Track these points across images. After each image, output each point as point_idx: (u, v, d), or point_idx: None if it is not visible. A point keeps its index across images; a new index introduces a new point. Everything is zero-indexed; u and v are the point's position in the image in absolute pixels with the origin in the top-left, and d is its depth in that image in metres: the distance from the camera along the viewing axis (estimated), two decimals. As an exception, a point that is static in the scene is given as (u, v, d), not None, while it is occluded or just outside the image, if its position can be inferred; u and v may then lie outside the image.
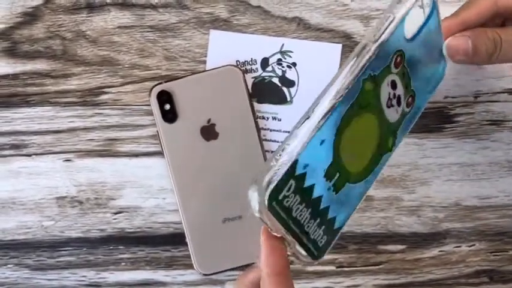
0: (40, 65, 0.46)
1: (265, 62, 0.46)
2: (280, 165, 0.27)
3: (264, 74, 0.46)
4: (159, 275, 0.46)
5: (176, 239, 0.46)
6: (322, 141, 0.28)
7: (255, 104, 0.46)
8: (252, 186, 0.27)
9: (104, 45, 0.46)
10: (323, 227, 0.30)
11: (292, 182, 0.27)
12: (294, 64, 0.46)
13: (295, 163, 0.27)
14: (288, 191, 0.27)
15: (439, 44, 0.36)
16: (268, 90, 0.46)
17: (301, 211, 0.28)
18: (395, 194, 0.46)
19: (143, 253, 0.46)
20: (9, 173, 0.46)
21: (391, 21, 0.30)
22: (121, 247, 0.46)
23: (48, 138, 0.46)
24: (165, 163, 0.45)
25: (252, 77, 0.46)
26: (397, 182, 0.46)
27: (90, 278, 0.46)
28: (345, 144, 0.30)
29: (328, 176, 0.29)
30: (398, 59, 0.32)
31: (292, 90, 0.46)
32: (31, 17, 0.46)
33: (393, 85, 0.32)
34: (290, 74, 0.46)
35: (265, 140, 0.46)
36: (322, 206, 0.30)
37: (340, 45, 0.46)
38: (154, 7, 0.46)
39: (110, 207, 0.46)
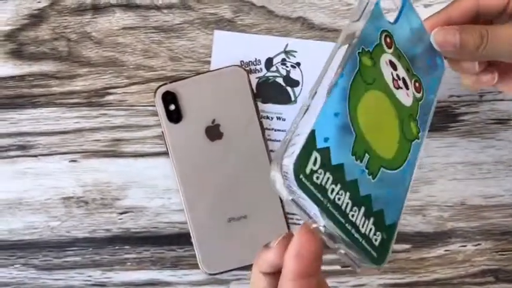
0: (46, 67, 0.46)
1: (269, 62, 0.46)
2: (297, 137, 0.24)
3: (268, 74, 0.46)
4: (165, 275, 0.47)
5: (181, 238, 0.46)
6: (336, 114, 0.26)
7: (260, 104, 0.46)
8: (272, 167, 0.23)
9: (109, 46, 0.46)
10: (372, 219, 0.26)
11: (316, 154, 0.24)
12: (298, 64, 0.46)
13: (312, 133, 0.24)
14: (314, 164, 0.24)
15: (426, 38, 0.36)
16: (273, 90, 0.46)
17: (338, 193, 0.25)
18: (400, 194, 0.46)
19: (149, 253, 0.47)
20: (16, 174, 0.46)
21: (367, 3, 0.30)
22: (127, 247, 0.47)
23: (54, 139, 0.46)
24: (170, 163, 0.45)
25: (256, 77, 0.46)
26: (402, 182, 0.46)
27: (96, 277, 0.47)
28: (363, 120, 0.27)
29: (356, 154, 0.26)
30: (388, 39, 0.32)
31: (297, 90, 0.46)
32: (37, 18, 0.46)
33: (392, 65, 0.32)
34: (294, 74, 0.46)
35: (270, 140, 0.46)
36: (362, 193, 0.26)
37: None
38: (158, 8, 0.46)
39: (115, 207, 0.46)
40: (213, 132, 0.45)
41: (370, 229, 0.26)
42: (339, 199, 0.25)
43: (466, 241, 0.47)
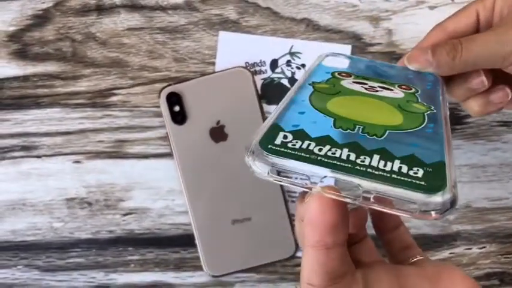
0: (50, 67, 0.46)
1: (274, 64, 0.46)
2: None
3: (273, 75, 0.46)
4: (168, 277, 0.46)
5: (185, 240, 0.46)
6: (302, 112, 0.26)
7: (264, 106, 0.46)
8: (245, 153, 0.24)
9: (114, 47, 0.46)
10: (397, 161, 0.23)
11: (284, 133, 0.24)
12: (303, 65, 0.46)
13: (276, 125, 0.25)
14: (285, 138, 0.24)
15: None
16: (278, 92, 0.46)
17: (330, 150, 0.23)
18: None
19: (152, 254, 0.46)
20: (20, 175, 0.46)
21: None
22: (130, 248, 0.46)
23: (58, 139, 0.46)
24: (174, 164, 0.45)
25: (261, 79, 0.46)
26: (407, 184, 0.46)
27: (99, 279, 0.46)
28: (339, 111, 0.27)
29: (342, 128, 0.25)
30: (343, 74, 0.33)
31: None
32: (41, 19, 0.46)
33: (360, 83, 0.32)
34: (299, 76, 0.46)
35: (274, 141, 0.46)
36: (370, 148, 0.24)
37: (349, 46, 0.46)
38: (163, 9, 0.46)
39: (119, 208, 0.46)
40: (218, 134, 0.45)
41: (400, 167, 0.23)
42: (334, 154, 0.23)
43: (471, 244, 0.46)
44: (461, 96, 0.35)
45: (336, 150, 0.23)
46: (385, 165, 0.23)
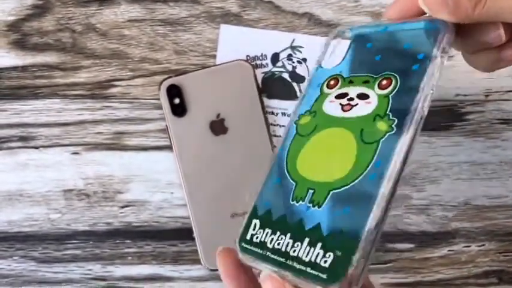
0: (49, 58, 0.46)
1: (275, 57, 0.46)
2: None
3: (274, 69, 0.46)
4: (166, 270, 0.46)
5: (183, 233, 0.46)
6: (277, 180, 0.31)
7: (265, 100, 0.46)
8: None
9: (114, 38, 0.46)
10: (320, 244, 0.27)
11: (255, 221, 0.30)
12: (304, 60, 0.46)
13: (254, 208, 0.30)
14: (254, 229, 0.30)
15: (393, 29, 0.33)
16: (278, 86, 0.46)
17: (278, 239, 0.28)
18: (404, 192, 0.46)
19: (150, 247, 0.46)
20: (17, 165, 0.46)
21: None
22: (128, 241, 0.46)
23: (56, 130, 0.46)
24: (173, 157, 0.45)
25: (262, 72, 0.46)
26: (406, 180, 0.46)
27: (96, 271, 0.46)
28: (303, 166, 0.30)
29: (297, 198, 0.29)
30: (331, 82, 0.32)
31: (302, 85, 0.46)
32: (41, 9, 0.45)
33: (339, 96, 0.31)
34: (300, 70, 0.46)
35: (274, 135, 0.46)
36: (307, 227, 0.28)
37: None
38: (164, 1, 0.46)
39: (117, 200, 0.46)
40: (218, 127, 0.45)
41: (317, 254, 0.27)
42: (278, 244, 0.28)
43: (470, 241, 0.46)
44: (470, 49, 0.32)
45: (281, 239, 0.28)
46: (308, 254, 0.27)
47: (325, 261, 0.26)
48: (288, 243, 0.28)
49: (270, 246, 0.28)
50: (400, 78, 0.30)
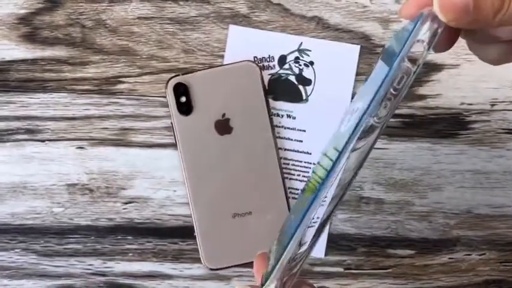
0: (59, 52, 0.46)
1: (282, 60, 0.46)
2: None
3: (281, 71, 0.46)
4: (166, 268, 0.46)
5: (185, 232, 0.46)
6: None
7: (271, 101, 0.46)
8: None
9: (123, 35, 0.46)
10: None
11: None
12: (311, 63, 0.46)
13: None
14: None
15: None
16: (284, 88, 0.46)
17: None
18: (406, 198, 0.46)
19: (151, 244, 0.46)
20: (22, 158, 0.46)
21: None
22: (129, 237, 0.46)
23: (62, 124, 0.46)
24: (177, 155, 0.45)
25: (269, 74, 0.46)
26: (409, 187, 0.46)
27: (96, 266, 0.46)
28: None
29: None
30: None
31: (308, 88, 0.46)
32: (52, 3, 0.46)
33: None
34: (307, 73, 0.46)
35: (279, 137, 0.46)
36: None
37: (358, 46, 0.46)
38: (175, 0, 0.46)
39: (120, 196, 0.46)
40: (223, 127, 0.45)
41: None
42: None
43: (470, 250, 0.46)
44: (480, 41, 0.29)
45: None
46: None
47: None
48: None
49: None
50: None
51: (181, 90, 0.45)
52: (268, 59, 0.46)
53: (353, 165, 0.29)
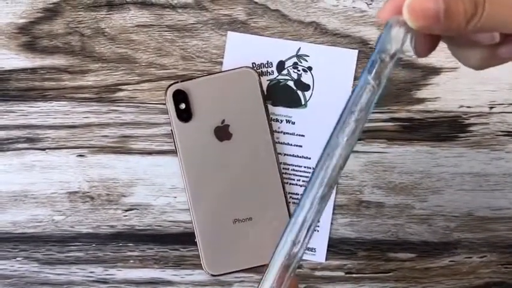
0: (58, 60, 0.46)
1: (281, 65, 0.46)
2: None
3: (280, 77, 0.46)
4: (167, 274, 0.46)
5: (186, 238, 0.46)
6: None
7: (270, 107, 0.46)
8: None
9: (122, 43, 0.46)
10: None
11: None
12: (310, 68, 0.46)
13: None
14: None
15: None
16: (283, 93, 0.46)
17: None
18: (406, 202, 0.46)
19: (152, 251, 0.46)
20: (23, 166, 0.46)
21: None
22: (130, 244, 0.46)
23: (62, 133, 0.46)
24: (177, 162, 0.45)
25: (268, 80, 0.46)
26: (409, 190, 0.46)
27: (98, 274, 0.46)
28: None
29: None
30: None
31: (307, 94, 0.46)
32: (51, 12, 0.46)
33: None
34: (305, 78, 0.46)
35: (278, 142, 0.46)
36: None
37: (356, 51, 0.46)
38: (173, 7, 0.46)
39: (121, 204, 0.46)
40: (222, 133, 0.45)
41: None
42: None
43: (471, 252, 0.46)
44: (461, 46, 0.28)
45: None
46: None
47: None
48: None
49: None
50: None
51: (180, 97, 0.45)
52: (266, 65, 0.46)
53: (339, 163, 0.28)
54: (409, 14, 0.24)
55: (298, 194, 0.46)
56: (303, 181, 0.46)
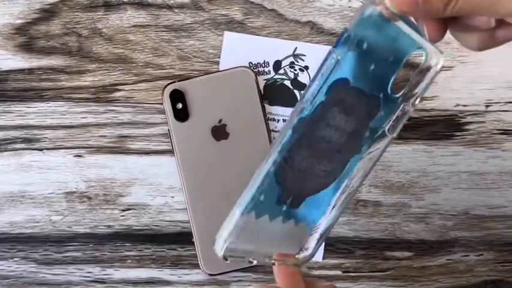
0: (55, 61, 0.46)
1: (277, 65, 0.46)
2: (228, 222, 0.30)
3: (276, 76, 0.46)
4: (165, 274, 0.46)
5: (183, 238, 0.46)
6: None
7: (266, 106, 0.46)
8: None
9: (119, 43, 0.46)
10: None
11: (238, 221, 0.30)
12: (306, 67, 0.46)
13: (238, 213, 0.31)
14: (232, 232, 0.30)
15: None
16: (280, 93, 0.46)
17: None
18: (403, 201, 0.46)
19: (149, 251, 0.46)
20: (20, 167, 0.46)
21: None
22: (127, 244, 0.46)
23: (60, 133, 0.46)
24: (175, 161, 0.45)
25: (264, 79, 0.46)
26: (406, 189, 0.46)
27: (95, 274, 0.46)
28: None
29: (280, 202, 0.31)
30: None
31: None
32: (48, 13, 0.46)
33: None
34: (302, 77, 0.46)
35: (275, 142, 0.46)
36: (284, 222, 0.32)
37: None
38: (170, 7, 0.46)
39: (118, 204, 0.46)
40: (219, 132, 0.45)
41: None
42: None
43: (468, 251, 0.46)
44: (461, 30, 0.30)
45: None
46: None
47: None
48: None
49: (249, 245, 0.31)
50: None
51: (177, 96, 0.45)
52: (263, 65, 0.46)
53: (361, 172, 0.32)
54: (390, 1, 0.27)
55: (295, 193, 0.46)
56: (300, 180, 0.46)
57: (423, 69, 0.30)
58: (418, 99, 0.31)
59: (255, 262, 0.31)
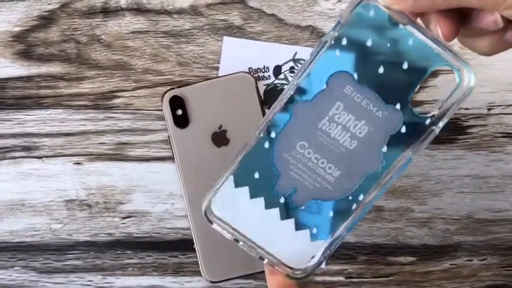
0: (54, 68, 0.46)
1: (277, 70, 0.46)
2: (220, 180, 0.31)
3: (276, 81, 0.46)
4: (166, 281, 0.46)
5: (184, 245, 0.46)
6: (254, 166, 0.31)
7: (267, 111, 0.46)
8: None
9: (118, 49, 0.46)
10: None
11: (231, 192, 0.31)
12: (307, 72, 0.46)
13: (229, 178, 0.31)
14: (222, 201, 0.31)
15: None
16: (280, 98, 0.46)
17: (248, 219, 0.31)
18: (406, 205, 0.46)
19: (151, 259, 0.46)
20: (20, 175, 0.46)
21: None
22: (128, 252, 0.46)
23: (59, 140, 0.46)
24: (175, 168, 0.45)
25: (264, 84, 0.46)
26: (408, 193, 0.46)
27: (96, 282, 0.46)
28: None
29: (278, 190, 0.31)
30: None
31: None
32: (47, 20, 0.46)
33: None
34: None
35: (276, 147, 0.46)
36: (282, 218, 0.31)
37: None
38: (168, 13, 0.46)
39: (118, 211, 0.46)
40: (220, 138, 0.45)
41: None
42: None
43: (472, 255, 0.46)
44: (470, 35, 0.30)
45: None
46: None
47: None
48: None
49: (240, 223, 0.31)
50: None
51: (177, 103, 0.45)
52: (263, 70, 0.46)
53: (379, 189, 0.31)
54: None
55: (296, 199, 0.46)
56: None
57: (456, 89, 0.30)
58: (447, 120, 0.30)
59: (240, 245, 0.31)
